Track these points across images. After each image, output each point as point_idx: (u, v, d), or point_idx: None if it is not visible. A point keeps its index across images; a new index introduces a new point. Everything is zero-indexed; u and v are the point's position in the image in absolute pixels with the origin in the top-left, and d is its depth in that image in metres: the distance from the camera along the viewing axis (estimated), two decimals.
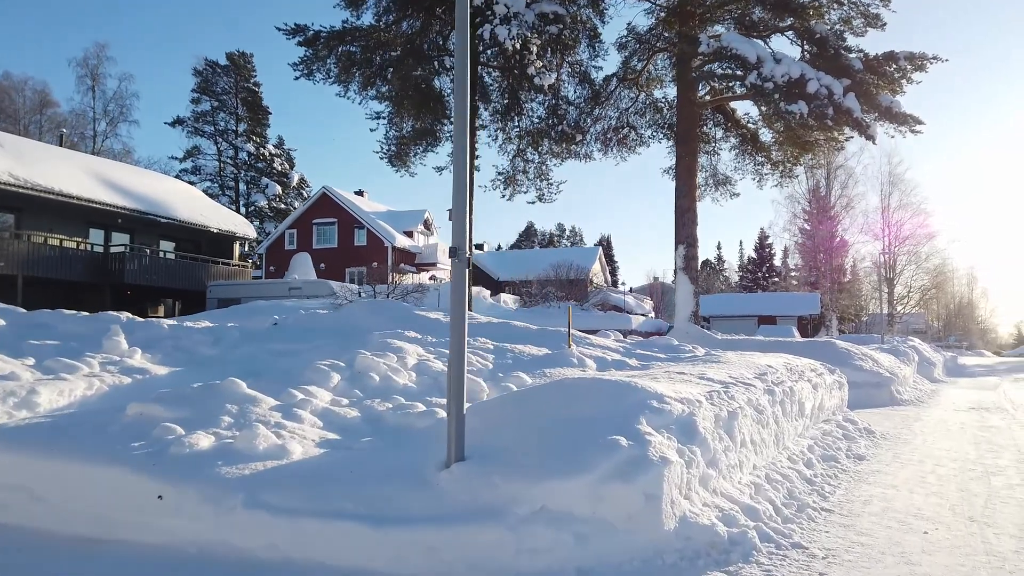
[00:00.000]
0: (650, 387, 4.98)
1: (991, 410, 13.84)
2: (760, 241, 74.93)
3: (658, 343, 10.64)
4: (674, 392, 5.14)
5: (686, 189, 17.81)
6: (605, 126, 20.63)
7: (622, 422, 4.41)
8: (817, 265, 51.24)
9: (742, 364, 7.97)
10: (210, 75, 58.27)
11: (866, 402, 14.22)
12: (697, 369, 7.29)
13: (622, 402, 4.71)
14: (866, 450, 8.27)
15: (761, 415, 6.20)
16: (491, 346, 9.05)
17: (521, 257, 57.84)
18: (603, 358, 9.20)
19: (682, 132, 18.05)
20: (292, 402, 5.57)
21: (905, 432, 10.15)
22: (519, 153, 19.65)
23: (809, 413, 8.15)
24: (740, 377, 6.97)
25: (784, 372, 8.15)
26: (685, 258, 17.71)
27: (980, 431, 10.56)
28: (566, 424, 4.44)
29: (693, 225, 17.75)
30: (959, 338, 70.31)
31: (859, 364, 15.08)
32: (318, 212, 43.01)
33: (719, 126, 20.71)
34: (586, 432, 4.29)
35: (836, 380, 10.02)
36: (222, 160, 57.94)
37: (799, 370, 8.72)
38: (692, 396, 5.26)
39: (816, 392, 8.58)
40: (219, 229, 29.46)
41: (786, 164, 19.98)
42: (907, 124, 15.69)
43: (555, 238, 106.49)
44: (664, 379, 6.35)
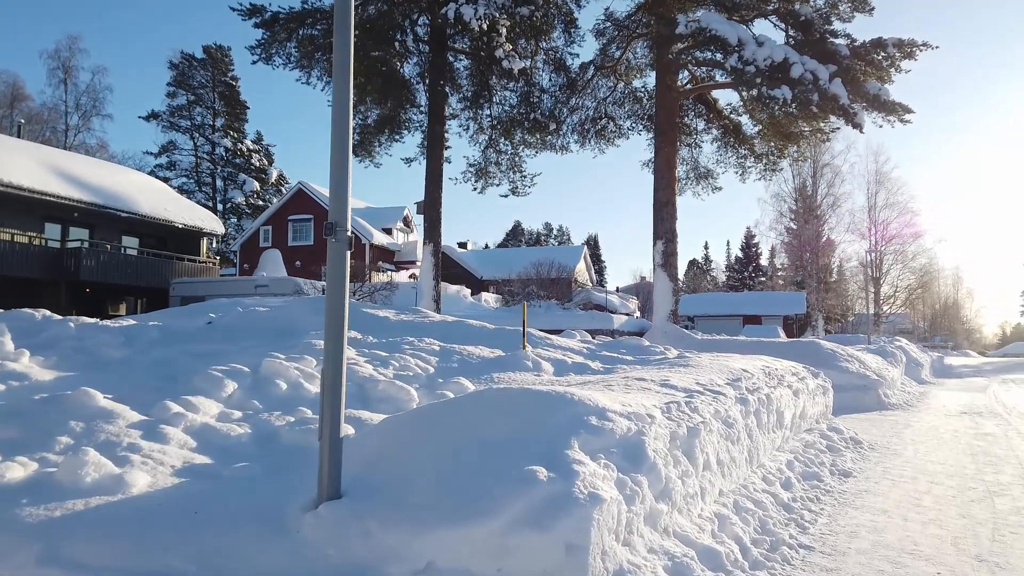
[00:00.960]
0: (591, 400, 4.05)
1: (984, 415, 13.06)
2: (746, 240, 74.42)
3: (627, 344, 9.74)
4: (622, 405, 4.22)
5: (665, 182, 16.94)
6: (582, 117, 19.74)
7: (548, 447, 3.48)
8: (803, 264, 50.72)
9: (714, 368, 7.07)
10: (186, 68, 56.89)
11: (853, 407, 13.41)
12: (662, 374, 6.37)
13: (552, 419, 3.78)
14: (853, 464, 7.40)
15: (731, 429, 5.29)
16: (437, 347, 8.11)
17: (504, 256, 56.86)
18: (563, 360, 8.28)
19: (661, 122, 17.17)
20: (164, 417, 4.60)
21: (895, 442, 9.31)
22: (491, 144, 18.71)
23: (789, 423, 7.27)
24: (709, 384, 6.06)
25: (761, 377, 7.26)
26: (664, 254, 16.83)
27: (975, 440, 9.74)
28: (477, 449, 3.50)
29: (672, 220, 16.87)
30: (945, 338, 70.13)
31: (845, 366, 14.27)
32: (294, 208, 41.85)
33: (701, 117, 19.87)
34: (499, 461, 3.35)
35: (820, 385, 9.15)
36: (198, 155, 56.57)
37: (779, 374, 7.83)
38: (645, 409, 4.34)
39: (797, 399, 7.70)
40: (184, 224, 28.27)
41: (770, 157, 19.18)
42: (896, 113, 14.89)
43: (542, 237, 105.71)
44: (619, 387, 5.43)
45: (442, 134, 17.48)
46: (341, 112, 3.56)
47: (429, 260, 17.74)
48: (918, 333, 64.58)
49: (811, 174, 51.26)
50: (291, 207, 41.97)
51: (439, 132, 17.29)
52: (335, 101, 3.55)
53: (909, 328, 64.06)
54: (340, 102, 3.56)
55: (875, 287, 51.56)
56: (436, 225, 17.95)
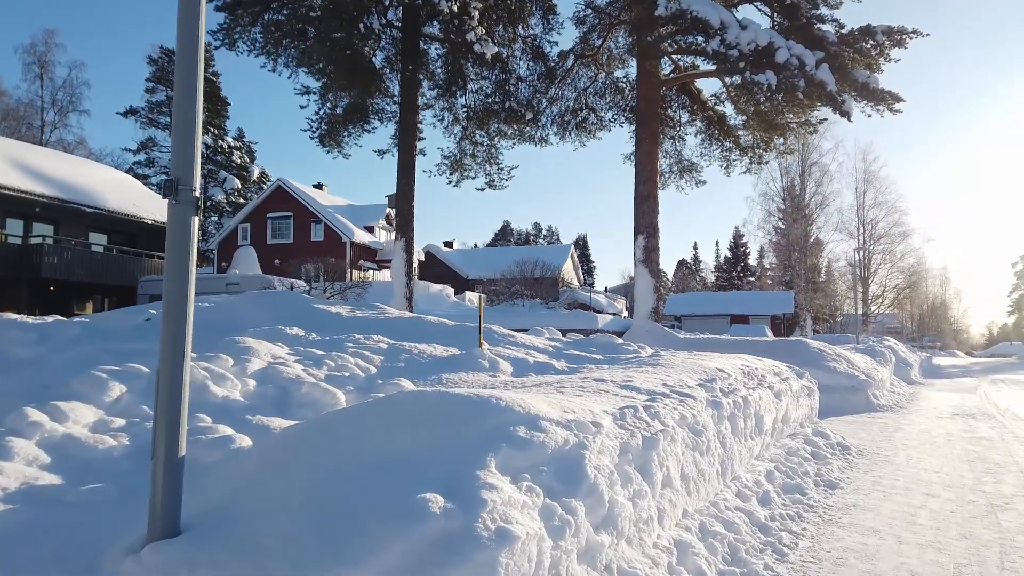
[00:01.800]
0: (523, 405, 3.32)
1: (977, 417, 12.45)
2: (735, 240, 74.02)
3: (598, 342, 9.03)
4: (562, 412, 3.49)
5: (647, 174, 16.25)
6: (562, 108, 19.02)
7: (455, 467, 2.75)
8: (791, 264, 50.30)
9: (687, 368, 6.36)
10: (166, 64, 55.65)
11: (841, 408, 12.77)
12: (627, 375, 5.66)
13: (469, 431, 3.04)
14: (840, 473, 6.71)
15: (700, 438, 4.57)
16: (385, 345, 7.36)
17: (491, 255, 56.15)
18: (524, 360, 7.55)
19: (642, 112, 16.47)
20: (17, 427, 3.84)
21: (885, 447, 8.64)
22: (466, 135, 17.93)
23: (770, 428, 6.57)
24: (678, 385, 5.35)
25: (739, 378, 6.56)
26: (645, 249, 16.13)
27: (971, 444, 9.09)
28: (364, 472, 2.76)
29: (654, 214, 16.19)
30: (933, 339, 70.01)
31: (833, 366, 13.62)
32: (273, 205, 40.93)
33: (684, 109, 19.19)
34: (387, 487, 2.61)
35: (805, 386, 8.47)
36: None
37: (759, 374, 7.14)
38: (591, 416, 3.62)
39: (779, 401, 7.00)
40: (155, 220, 27.33)
41: (756, 150, 18.54)
42: (885, 102, 14.27)
43: (531, 237, 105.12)
44: (572, 390, 4.71)
45: (415, 124, 16.72)
46: (188, 30, 2.80)
47: (401, 256, 16.96)
48: (906, 333, 64.40)
49: (799, 173, 50.86)
50: (270, 204, 41.05)
51: (411, 121, 16.54)
52: (178, 9, 2.79)
53: (897, 328, 63.86)
54: (187, 9, 2.80)
55: (863, 287, 51.20)
56: (408, 219, 17.18)
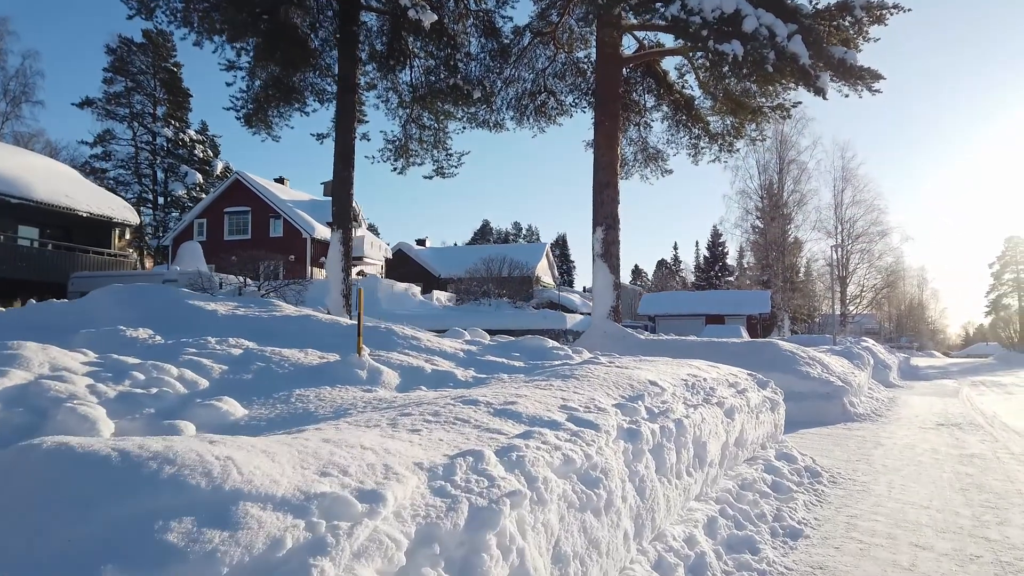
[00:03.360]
0: (224, 471, 1.84)
1: (964, 427, 11.18)
2: (713, 239, 73.13)
3: (525, 345, 7.58)
4: (312, 478, 2.02)
5: (606, 160, 14.85)
6: (519, 90, 17.54)
7: None
8: (769, 263, 49.39)
9: (611, 381, 4.91)
10: (125, 54, 53.51)
11: (813, 418, 11.46)
12: (518, 393, 4.20)
13: (79, 528, 1.56)
14: (806, 512, 5.32)
15: (595, 490, 3.12)
16: (240, 351, 5.84)
17: (464, 253, 54.60)
18: (419, 369, 6.07)
19: (602, 91, 15.05)
20: None
21: (863, 470, 7.28)
22: (412, 117, 16.42)
23: (717, 457, 5.15)
24: (584, 408, 3.91)
25: (678, 393, 5.14)
26: (604, 242, 14.72)
27: (961, 464, 7.77)
28: None
29: (614, 203, 14.79)
30: (910, 339, 69.64)
31: (806, 370, 12.30)
32: (230, 200, 39.07)
33: (650, 92, 17.82)
34: None
35: (767, 398, 7.08)
36: (137, 145, 53.20)
37: (707, 387, 5.71)
38: (372, 479, 2.14)
39: (732, 421, 5.59)
40: (90, 213, 25.46)
41: (726, 137, 17.22)
42: (863, 80, 12.99)
43: (511, 236, 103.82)
44: (410, 420, 3.25)
45: (354, 104, 15.17)
46: None
47: (337, 249, 15.41)
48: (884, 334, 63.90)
49: (777, 170, 50.03)
50: (227, 199, 39.20)
51: (350, 101, 14.99)
52: None
53: (876, 328, 63.36)
54: None
55: (841, 286, 50.44)
56: (347, 209, 15.63)
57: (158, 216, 53.37)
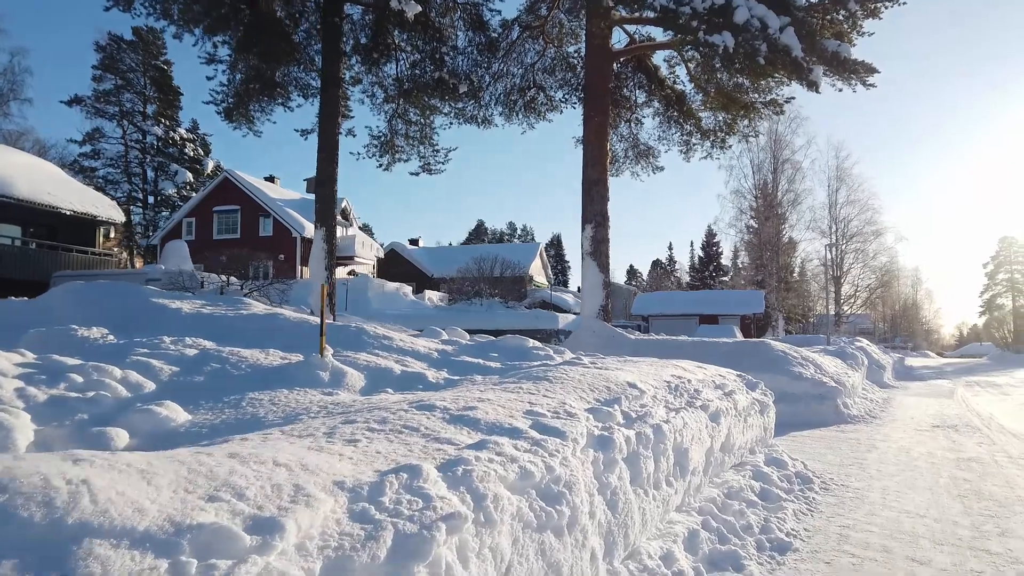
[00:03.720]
0: None
1: (960, 429, 10.90)
2: (708, 239, 72.91)
3: (505, 345, 7.25)
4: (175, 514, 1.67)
5: (596, 156, 14.53)
6: (508, 85, 17.21)
7: None
8: (763, 263, 49.21)
9: (587, 383, 4.59)
10: (114, 51, 52.97)
11: (806, 420, 11.16)
12: (483, 396, 3.87)
13: None
14: (796, 523, 5.00)
15: (556, 507, 2.79)
16: (195, 352, 5.50)
17: (457, 253, 54.22)
18: (388, 371, 5.73)
19: (592, 85, 14.72)
20: None
21: (856, 475, 6.97)
22: (398, 112, 16.06)
23: (701, 464, 4.83)
24: (552, 414, 3.58)
25: (659, 395, 4.82)
26: (593, 240, 14.40)
27: (959, 470, 7.47)
28: None
29: (604, 200, 14.47)
30: (904, 339, 69.58)
31: (798, 371, 12.01)
32: (219, 199, 38.64)
33: (641, 88, 17.51)
34: None
35: (757, 400, 6.76)
36: (127, 144, 52.66)
37: (691, 389, 5.40)
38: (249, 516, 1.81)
39: (718, 426, 5.27)
40: (74, 211, 25.02)
41: (718, 133, 16.92)
42: (857, 74, 12.68)
43: (505, 236, 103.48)
44: (352, 429, 2.91)
45: (337, 98, 14.81)
46: None
47: (320, 247, 15.04)
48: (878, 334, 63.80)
49: (771, 170, 49.85)
50: (216, 198, 38.77)
51: (334, 95, 14.63)
52: None
53: (870, 329, 63.26)
54: None
55: (836, 286, 50.29)
56: (330, 206, 15.26)
57: (148, 215, 52.87)
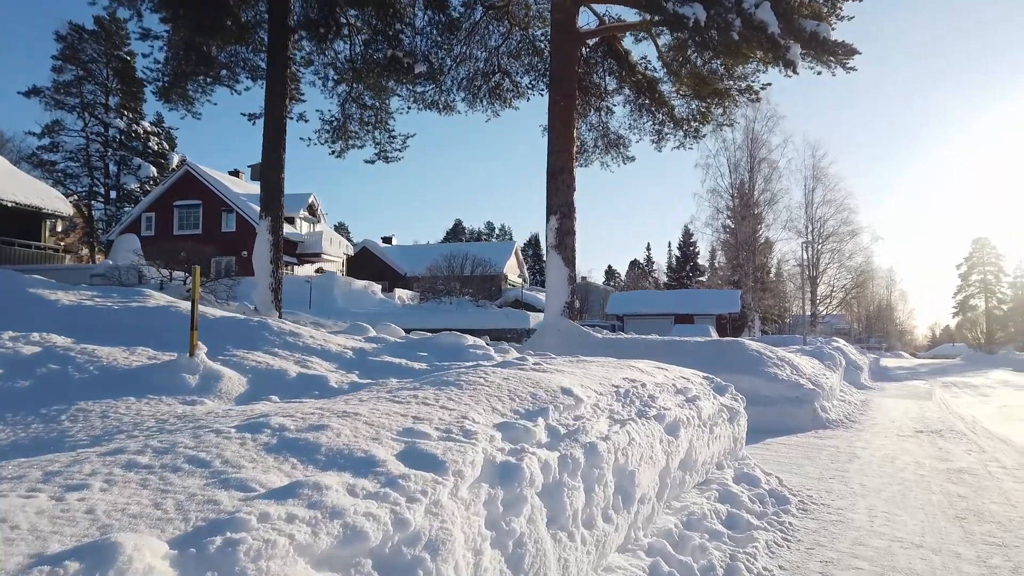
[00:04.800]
0: None
1: (945, 434, 10.16)
2: (685, 239, 72.52)
3: (439, 343, 6.31)
4: None
5: (561, 143, 13.64)
6: (471, 70, 16.24)
7: None
8: (740, 263, 48.80)
9: (512, 389, 3.66)
10: (75, 41, 51.06)
11: (782, 425, 10.34)
12: (342, 410, 2.91)
13: None
14: (769, 559, 4.10)
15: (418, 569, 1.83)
16: (34, 350, 4.48)
17: (430, 252, 53.11)
18: (282, 373, 4.75)
19: (557, 68, 13.82)
20: None
21: (838, 491, 6.12)
22: (352, 95, 15.02)
23: (653, 490, 3.91)
24: (452, 428, 2.64)
25: (604, 404, 3.90)
26: (558, 232, 13.50)
27: (951, 483, 6.66)
28: None
29: (570, 190, 13.57)
30: (879, 339, 69.80)
31: (773, 372, 11.19)
32: (180, 193, 37.19)
33: (612, 74, 16.65)
34: None
35: (725, 407, 5.87)
36: (88, 137, 50.75)
37: (647, 394, 4.49)
38: None
39: (677, 439, 4.35)
40: (16, 203, 23.55)
41: (691, 122, 16.12)
42: (836, 55, 11.92)
43: (483, 236, 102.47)
44: (32, 474, 1.91)
45: (284, 77, 13.75)
46: None
47: (266, 239, 13.96)
48: (854, 334, 63.86)
49: (748, 168, 49.46)
50: (177, 192, 37.31)
51: (281, 75, 13.57)
52: None
53: (846, 329, 63.28)
54: None
55: (812, 286, 50.05)
56: (277, 194, 14.21)
57: (109, 211, 50.99)
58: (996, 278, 67.16)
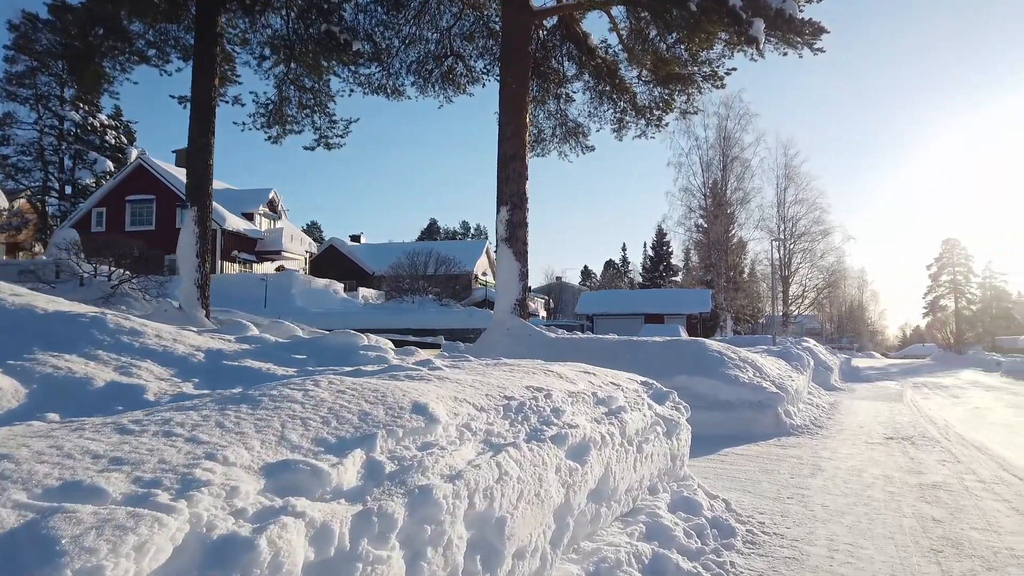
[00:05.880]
0: None
1: (917, 441, 9.38)
2: (658, 239, 72.07)
3: (329, 344, 5.31)
4: None
5: (513, 128, 12.70)
6: (421, 52, 15.26)
7: None
8: (712, 262, 48.35)
9: (335, 408, 2.67)
10: (29, 30, 48.71)
11: (742, 432, 9.49)
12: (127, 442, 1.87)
13: None
14: None
15: None
16: None
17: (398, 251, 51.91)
18: (87, 382, 3.71)
19: (508, 47, 12.85)
20: None
21: (795, 515, 5.23)
22: (290, 78, 13.94)
23: (541, 539, 2.95)
24: (155, 483, 1.63)
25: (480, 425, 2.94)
26: (509, 224, 12.55)
27: (924, 502, 5.81)
28: None
29: (521, 179, 12.64)
30: (851, 339, 70.00)
31: (734, 374, 10.35)
32: (133, 187, 35.65)
33: (571, 59, 15.74)
34: None
35: (663, 417, 4.95)
36: (42, 130, 48.73)
37: (550, 408, 3.55)
38: None
39: (583, 465, 3.42)
40: None
41: (653, 111, 15.28)
42: (802, 35, 11.16)
43: (458, 236, 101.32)
44: None
45: (214, 55, 12.65)
46: None
47: (191, 231, 12.86)
48: (826, 335, 63.87)
49: (720, 167, 49.04)
50: (129, 186, 35.76)
51: (208, 52, 12.48)
52: None
53: (818, 329, 63.26)
54: None
55: (784, 286, 49.76)
56: (204, 183, 13.09)
57: (64, 206, 49.06)
58: (966, 279, 67.65)
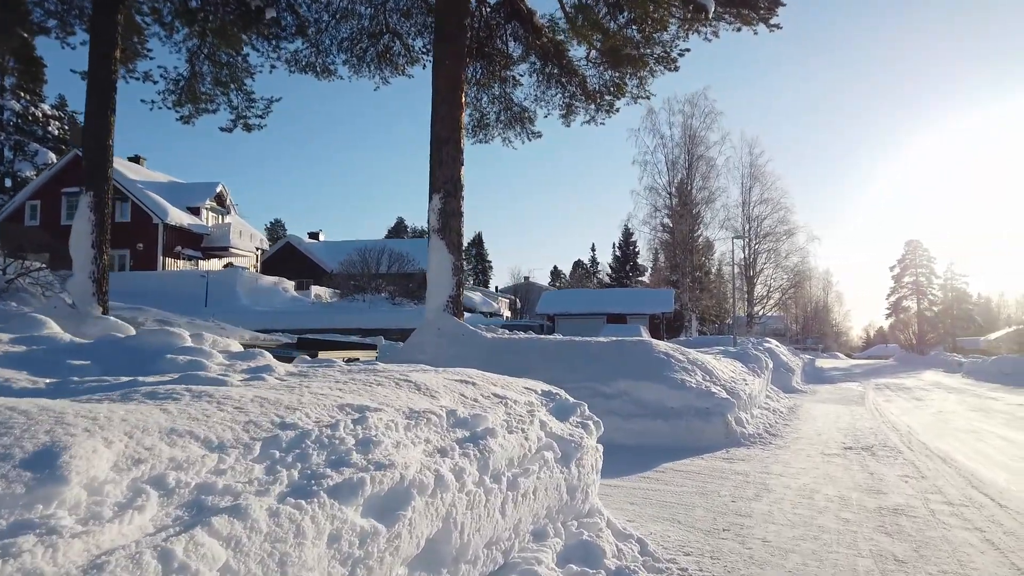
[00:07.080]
0: None
1: (878, 452, 8.52)
2: (625, 238, 71.57)
3: (129, 346, 4.16)
4: None
5: (447, 108, 11.58)
6: (354, 28, 14.07)
7: None
8: (677, 262, 47.82)
9: None
10: None
11: (686, 443, 8.53)
12: None
13: None
14: None
15: None
16: None
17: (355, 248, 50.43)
18: None
19: (442, 20, 11.72)
20: None
21: (728, 555, 4.21)
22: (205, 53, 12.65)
23: None
24: None
25: (189, 489, 1.79)
26: (442, 214, 11.43)
27: (884, 534, 4.85)
28: None
29: (456, 163, 11.53)
30: (816, 340, 70.25)
31: (681, 378, 9.37)
32: (69, 179, 33.68)
33: (516, 40, 14.71)
34: None
35: (558, 438, 3.89)
36: None
37: (361, 439, 2.43)
38: None
39: (393, 526, 2.30)
40: None
41: (604, 96, 14.31)
42: (757, 10, 10.29)
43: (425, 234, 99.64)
44: None
45: (114, 24, 11.35)
46: None
47: (86, 219, 11.55)
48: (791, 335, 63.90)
49: (685, 166, 48.54)
50: (65, 178, 33.83)
51: (107, 22, 11.19)
52: None
53: (783, 330, 63.25)
54: None
55: (748, 286, 49.45)
56: (102, 166, 11.82)
57: (2, 199, 46.61)
58: (928, 280, 68.29)
